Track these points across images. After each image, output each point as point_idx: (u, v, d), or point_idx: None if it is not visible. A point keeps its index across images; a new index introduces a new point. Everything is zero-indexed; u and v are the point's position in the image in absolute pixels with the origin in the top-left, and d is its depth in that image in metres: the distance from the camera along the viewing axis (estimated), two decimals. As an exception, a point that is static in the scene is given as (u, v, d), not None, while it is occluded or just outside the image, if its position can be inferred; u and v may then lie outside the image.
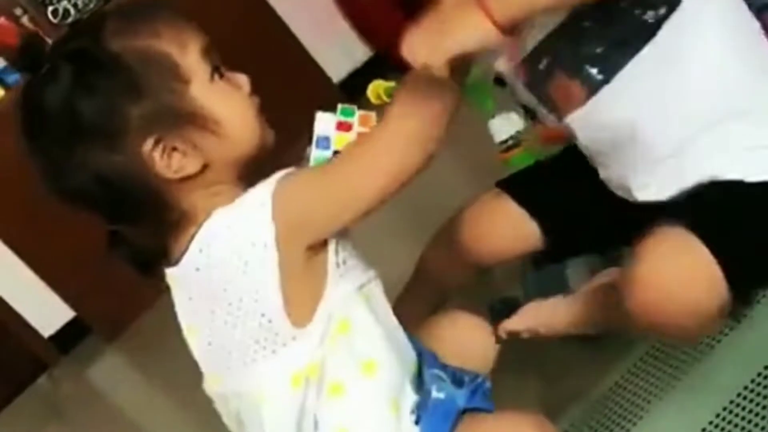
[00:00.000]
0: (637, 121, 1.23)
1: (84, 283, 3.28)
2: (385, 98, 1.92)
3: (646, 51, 1.19)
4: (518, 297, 1.74)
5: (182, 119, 1.08)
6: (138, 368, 3.12)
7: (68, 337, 3.47)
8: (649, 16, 1.17)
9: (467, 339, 1.38)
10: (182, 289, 1.15)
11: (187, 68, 1.09)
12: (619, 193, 1.35)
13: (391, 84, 1.91)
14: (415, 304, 1.60)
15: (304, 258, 1.09)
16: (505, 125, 1.82)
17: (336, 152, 1.24)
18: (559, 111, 1.31)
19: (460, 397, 1.24)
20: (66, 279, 3.32)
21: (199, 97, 1.09)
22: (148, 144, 1.07)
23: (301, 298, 1.10)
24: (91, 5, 3.49)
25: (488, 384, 1.30)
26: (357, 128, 1.25)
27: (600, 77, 1.22)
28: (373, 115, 1.24)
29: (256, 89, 1.18)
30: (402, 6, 3.90)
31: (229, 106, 1.12)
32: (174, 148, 1.08)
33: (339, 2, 3.94)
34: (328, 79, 3.75)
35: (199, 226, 1.10)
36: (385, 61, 3.88)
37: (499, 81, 1.42)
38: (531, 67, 1.28)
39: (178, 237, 1.13)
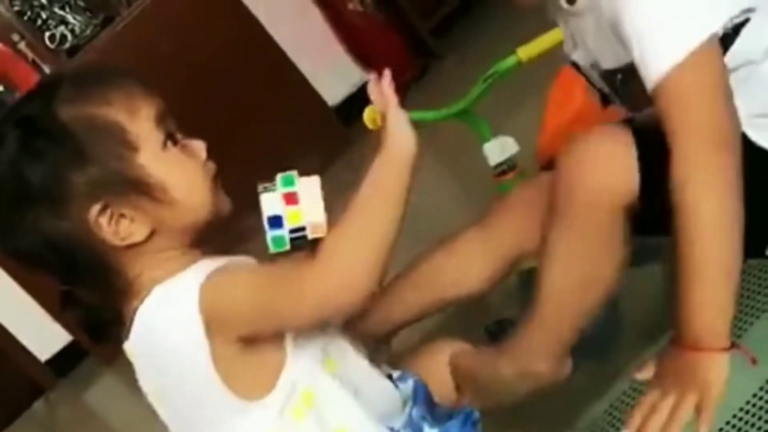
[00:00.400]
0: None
1: (81, 307, 3.27)
2: (381, 123, 1.94)
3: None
4: (514, 319, 1.75)
5: (129, 186, 1.08)
6: (135, 391, 3.10)
7: (65, 360, 3.48)
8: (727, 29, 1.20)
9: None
10: (135, 360, 1.16)
11: (137, 136, 1.09)
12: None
13: (388, 109, 1.94)
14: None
15: (240, 344, 1.08)
16: (500, 149, 1.84)
17: (293, 229, 1.24)
18: (635, 103, 1.33)
19: (453, 426, 1.25)
20: (63, 303, 3.32)
21: (148, 165, 1.09)
22: (95, 210, 1.07)
23: (247, 373, 1.10)
24: (87, 31, 3.52)
25: (477, 414, 1.30)
26: (304, 199, 1.21)
27: None
28: (316, 179, 1.22)
29: (253, 114, 1.19)
30: (397, 30, 3.95)
31: (180, 174, 1.11)
32: (122, 215, 1.08)
33: (334, 26, 3.98)
34: (324, 103, 3.77)
35: (141, 301, 1.10)
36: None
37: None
38: (608, 72, 1.31)
39: (126, 306, 1.13)
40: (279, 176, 1.24)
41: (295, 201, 1.21)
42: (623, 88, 1.31)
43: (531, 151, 2.03)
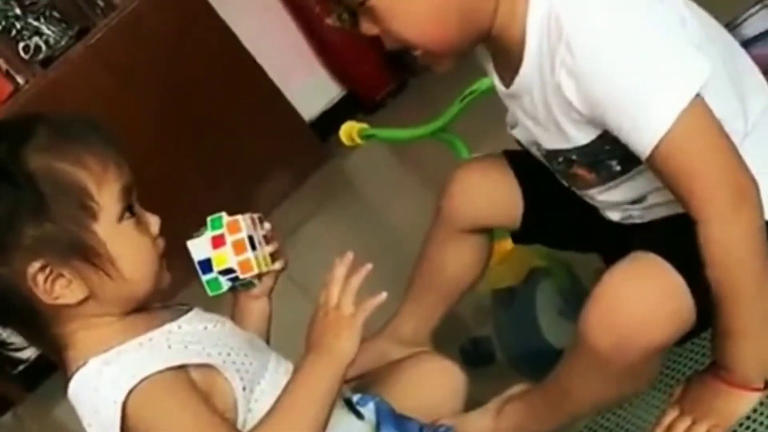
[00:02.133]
0: (649, 192, 1.27)
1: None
2: (358, 140, 1.94)
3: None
4: (490, 337, 1.75)
5: (77, 252, 1.07)
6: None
7: (34, 374, 3.42)
8: None
9: (435, 384, 1.38)
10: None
11: (99, 204, 1.08)
12: (602, 213, 1.38)
13: (364, 126, 1.94)
14: (415, 313, 1.61)
15: None
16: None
17: (222, 271, 1.23)
18: (574, 185, 1.34)
19: None
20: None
21: (102, 235, 1.08)
22: (35, 266, 1.06)
23: None
24: (63, 42, 3.48)
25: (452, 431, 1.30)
26: (229, 238, 1.23)
27: (618, 168, 1.24)
28: (239, 219, 1.24)
29: (228, 128, 1.18)
30: (374, 45, 3.92)
31: (130, 249, 1.11)
32: (60, 275, 1.07)
33: (311, 40, 3.97)
34: (299, 118, 3.75)
35: (76, 369, 1.10)
36: (357, 101, 3.90)
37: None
38: (550, 154, 1.30)
39: (64, 354, 1.13)
40: (209, 218, 1.25)
41: (222, 243, 1.21)
42: (565, 170, 1.30)
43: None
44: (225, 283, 1.25)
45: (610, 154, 1.21)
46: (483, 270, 1.63)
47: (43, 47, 3.47)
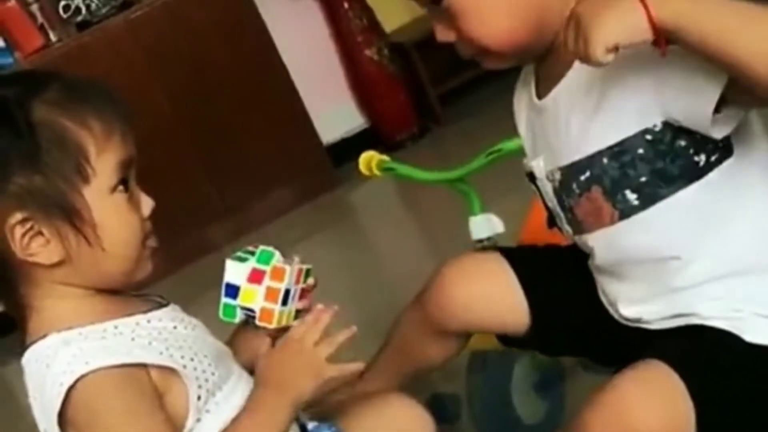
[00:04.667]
0: (659, 253, 1.22)
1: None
2: (375, 171, 1.92)
3: (688, 191, 1.17)
4: (458, 396, 1.72)
5: (62, 212, 1.04)
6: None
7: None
8: (701, 158, 1.16)
9: (403, 429, 1.34)
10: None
11: (94, 169, 1.05)
12: (610, 309, 1.34)
13: (386, 158, 1.92)
14: (381, 378, 1.56)
15: None
16: (486, 226, 1.81)
17: (243, 308, 1.20)
18: (581, 226, 1.30)
19: None
20: None
21: (90, 200, 1.05)
22: (16, 217, 1.03)
23: None
24: (103, 10, 3.48)
25: None
26: (267, 281, 1.18)
27: (636, 203, 1.21)
28: (287, 270, 1.18)
29: (246, 132, 1.15)
30: (406, 87, 3.95)
31: (116, 222, 1.08)
32: (40, 233, 1.05)
33: (347, 68, 3.99)
34: (318, 139, 3.75)
35: (35, 339, 1.07)
36: (377, 136, 3.91)
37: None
38: (570, 174, 1.27)
39: (24, 318, 1.10)
40: (261, 248, 1.20)
41: (259, 280, 1.17)
42: (579, 198, 1.28)
43: (512, 236, 2.01)
44: (240, 316, 1.21)
45: (636, 168, 1.18)
46: (459, 352, 1.58)
47: (83, 11, 3.48)
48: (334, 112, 3.93)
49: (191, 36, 3.50)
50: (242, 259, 1.19)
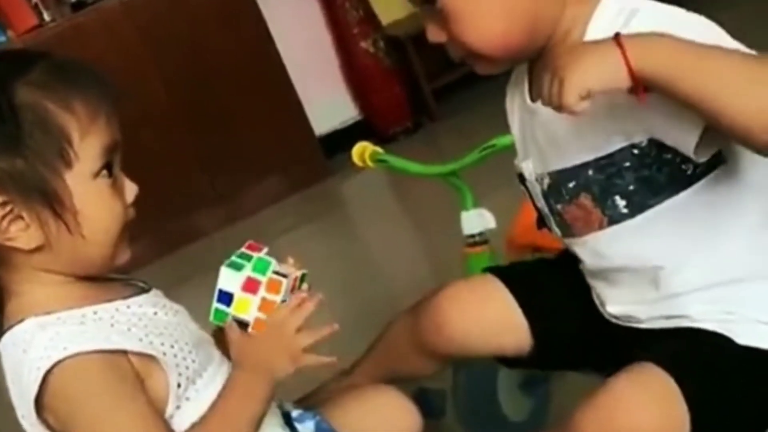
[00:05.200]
0: (649, 260, 1.22)
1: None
2: (369, 162, 1.91)
3: (677, 199, 1.16)
4: (445, 390, 1.71)
5: (43, 197, 1.02)
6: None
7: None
8: (689, 167, 1.14)
9: (390, 421, 1.33)
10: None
11: (77, 154, 1.03)
12: (602, 309, 1.34)
13: (379, 150, 1.91)
14: (368, 377, 1.54)
15: None
16: (477, 221, 1.80)
17: (236, 318, 1.19)
18: (570, 229, 1.29)
19: None
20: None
21: (71, 185, 1.03)
22: None
23: None
24: (101, -7, 3.46)
25: None
26: (263, 292, 1.15)
27: (625, 210, 1.20)
28: (283, 282, 1.15)
29: (239, 119, 1.13)
30: (400, 81, 3.94)
31: (97, 208, 1.06)
32: (19, 216, 1.03)
33: (342, 60, 3.98)
34: (310, 130, 3.74)
35: (13, 324, 1.06)
36: (371, 128, 3.90)
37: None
38: (559, 180, 1.26)
39: (3, 307, 1.09)
40: (257, 255, 1.18)
41: (254, 290, 1.15)
42: (568, 203, 1.27)
43: (504, 232, 2.00)
44: (231, 322, 1.20)
45: (624, 177, 1.17)
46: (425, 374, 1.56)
47: (81, -6, 3.45)
48: (327, 103, 3.92)
49: (187, 20, 3.48)
50: (238, 266, 1.16)
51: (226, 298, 1.15)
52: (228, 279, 1.15)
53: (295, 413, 1.28)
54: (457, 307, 1.43)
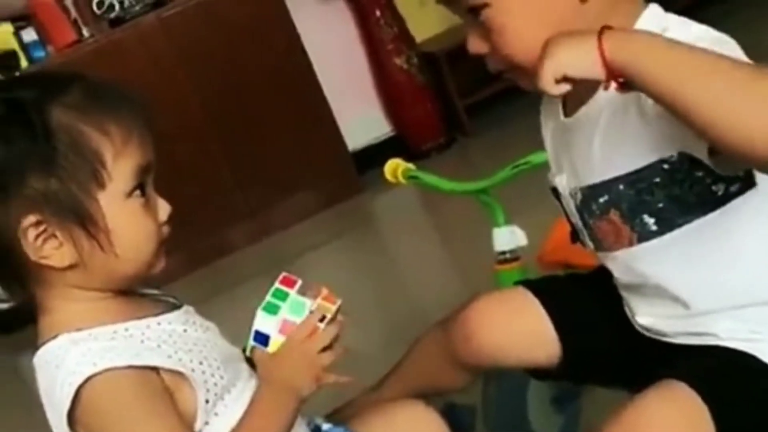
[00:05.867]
0: (678, 278, 1.21)
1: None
2: (401, 179, 1.91)
3: (707, 219, 1.16)
4: (474, 406, 1.71)
5: (76, 216, 1.04)
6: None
7: (11, 319, 3.39)
8: (720, 188, 1.14)
9: (419, 429, 1.33)
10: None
11: (110, 175, 1.05)
12: (632, 321, 1.33)
13: (411, 167, 1.91)
14: (395, 392, 1.54)
15: None
16: (509, 238, 1.80)
17: None
18: (601, 244, 1.29)
19: None
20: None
21: (104, 206, 1.05)
22: (30, 219, 1.03)
23: None
24: (137, 8, 3.50)
25: None
26: None
27: (654, 228, 1.20)
28: (320, 326, 1.18)
29: (273, 135, 1.14)
30: (433, 98, 3.95)
31: (131, 228, 1.07)
32: (53, 235, 1.04)
33: (376, 76, 3.99)
34: (344, 145, 3.76)
35: (46, 339, 1.07)
36: (403, 144, 3.91)
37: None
38: (590, 195, 1.26)
39: (38, 321, 1.10)
40: (292, 293, 1.21)
41: (290, 332, 1.18)
42: (599, 219, 1.27)
43: (535, 249, 2.00)
44: None
45: (653, 194, 1.17)
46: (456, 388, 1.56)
47: (117, 7, 3.51)
48: (361, 119, 3.93)
49: (222, 36, 3.51)
50: (273, 309, 1.19)
51: (263, 338, 1.19)
52: (264, 321, 1.19)
53: (325, 426, 1.28)
54: (488, 318, 1.43)
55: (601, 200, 1.23)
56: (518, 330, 1.42)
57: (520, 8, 1.15)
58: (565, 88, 1.03)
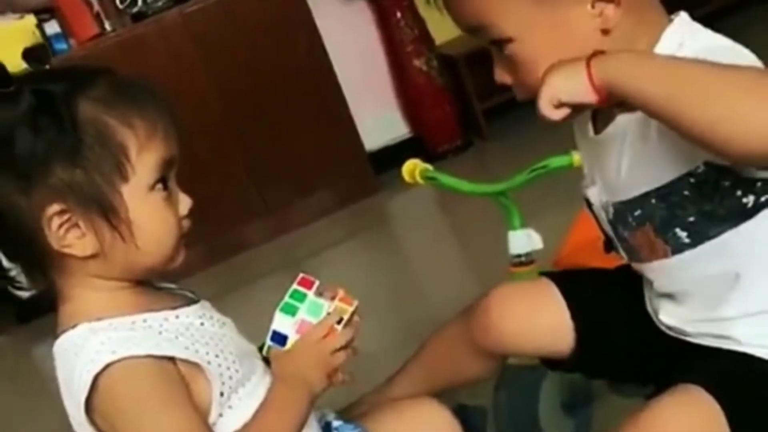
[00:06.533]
0: (710, 285, 1.23)
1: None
2: (418, 179, 1.92)
3: (738, 230, 1.16)
4: (485, 408, 1.71)
5: (99, 207, 1.06)
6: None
7: (30, 308, 3.41)
8: (750, 200, 1.14)
9: (431, 427, 1.34)
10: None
11: (134, 168, 1.07)
12: (654, 319, 1.34)
13: (429, 167, 1.92)
14: (409, 385, 1.56)
15: None
16: (525, 241, 1.80)
17: None
18: (637, 255, 1.30)
19: None
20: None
21: (127, 198, 1.07)
22: (54, 208, 1.05)
23: None
24: (160, 3, 3.52)
25: None
26: None
27: (687, 241, 1.20)
28: (338, 328, 1.21)
29: (291, 133, 1.15)
30: (452, 100, 3.96)
31: (152, 220, 1.10)
32: (76, 225, 1.07)
33: (395, 77, 4.00)
34: (361, 145, 3.76)
35: (66, 328, 1.09)
36: (421, 146, 3.91)
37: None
38: (624, 209, 1.27)
39: (58, 309, 1.12)
40: (310, 294, 1.22)
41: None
42: (633, 232, 1.27)
43: (551, 253, 2.00)
44: None
45: (685, 208, 1.18)
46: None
47: (139, 2, 3.52)
48: (379, 120, 3.94)
49: (244, 34, 3.52)
50: (292, 310, 1.22)
51: (280, 338, 1.22)
52: (282, 322, 1.22)
53: (336, 423, 1.30)
54: (510, 308, 1.46)
55: (636, 213, 1.24)
56: (539, 321, 1.44)
57: (543, 42, 1.16)
58: (564, 112, 1.06)
